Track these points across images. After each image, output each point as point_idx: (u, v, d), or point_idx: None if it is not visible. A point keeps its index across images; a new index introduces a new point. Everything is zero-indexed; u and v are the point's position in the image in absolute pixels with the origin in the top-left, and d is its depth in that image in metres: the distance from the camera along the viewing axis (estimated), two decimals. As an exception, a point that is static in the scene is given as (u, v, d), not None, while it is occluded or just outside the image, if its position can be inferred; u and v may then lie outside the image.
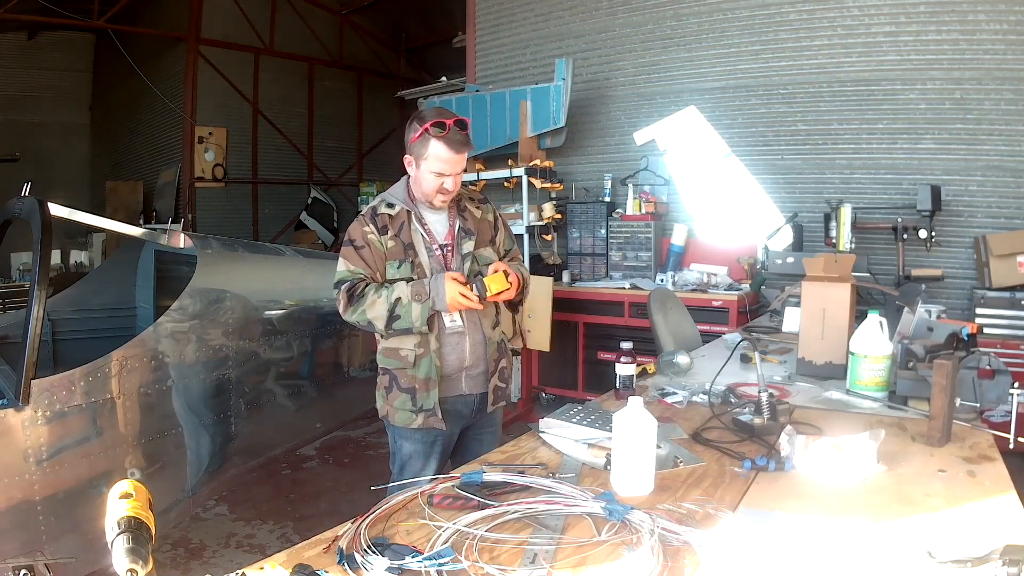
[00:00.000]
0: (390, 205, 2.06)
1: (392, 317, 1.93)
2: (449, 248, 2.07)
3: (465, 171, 2.15)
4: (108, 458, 2.17)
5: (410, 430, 2.04)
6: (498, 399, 2.16)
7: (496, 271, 1.97)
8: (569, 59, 5.14)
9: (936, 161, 4.38)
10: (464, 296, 1.92)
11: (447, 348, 2.03)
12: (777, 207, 4.77)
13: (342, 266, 2.01)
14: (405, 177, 2.10)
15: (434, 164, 1.95)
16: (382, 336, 2.04)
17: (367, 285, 1.98)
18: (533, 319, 4.62)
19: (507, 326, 2.21)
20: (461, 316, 2.03)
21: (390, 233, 2.01)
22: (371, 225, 2.02)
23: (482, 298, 1.95)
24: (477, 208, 2.17)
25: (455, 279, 1.94)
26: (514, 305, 2.23)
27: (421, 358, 1.99)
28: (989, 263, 3.94)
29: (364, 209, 2.11)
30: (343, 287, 1.99)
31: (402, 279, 1.99)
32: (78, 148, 10.65)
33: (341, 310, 1.99)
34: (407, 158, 2.02)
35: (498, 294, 1.97)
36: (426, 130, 1.92)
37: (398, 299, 1.93)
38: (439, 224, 2.09)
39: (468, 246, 2.08)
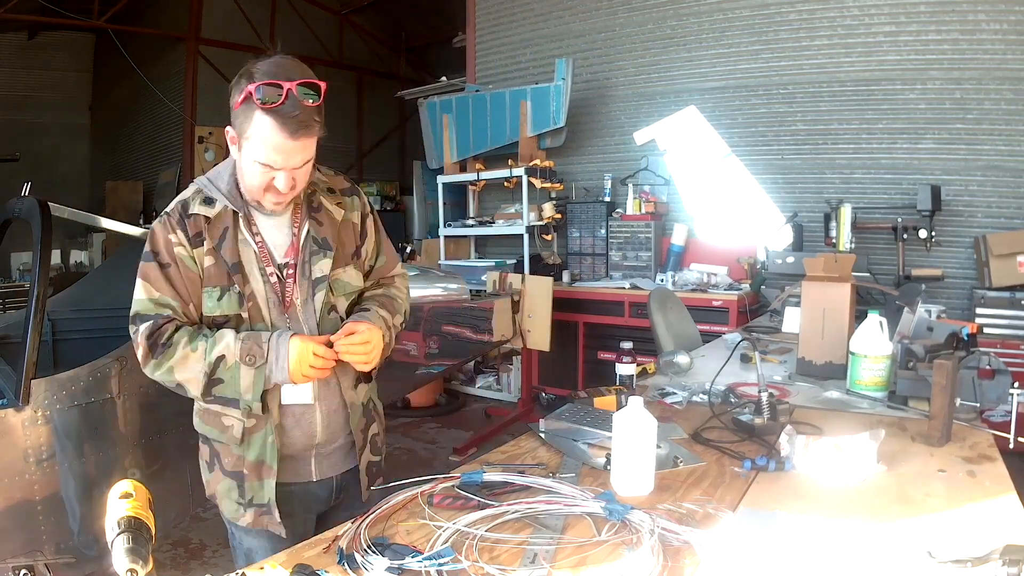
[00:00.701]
0: (207, 201, 1.39)
1: (211, 381, 1.33)
2: (291, 269, 1.43)
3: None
4: (108, 458, 2.17)
5: (240, 526, 1.48)
6: (373, 479, 1.56)
7: (351, 333, 1.39)
8: (569, 59, 5.14)
9: (936, 161, 4.38)
10: (315, 368, 1.34)
11: (289, 420, 1.43)
12: (777, 207, 4.78)
13: (141, 292, 1.37)
14: (233, 153, 1.40)
15: (259, 150, 1.28)
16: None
17: (177, 328, 1.35)
18: (533, 319, 4.63)
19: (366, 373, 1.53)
20: (313, 384, 1.43)
21: (207, 245, 1.37)
22: (179, 232, 1.37)
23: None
24: (337, 205, 1.50)
25: (305, 340, 1.33)
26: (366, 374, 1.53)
27: (252, 433, 1.40)
28: (989, 263, 3.94)
29: (170, 205, 1.42)
30: (142, 328, 1.35)
31: (224, 318, 1.38)
32: (78, 148, 10.64)
33: (140, 359, 1.37)
34: (228, 131, 1.34)
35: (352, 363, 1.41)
36: (250, 94, 1.25)
37: (221, 357, 1.31)
38: (277, 231, 1.43)
39: (322, 267, 1.44)
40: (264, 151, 1.28)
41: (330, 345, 1.37)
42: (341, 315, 1.49)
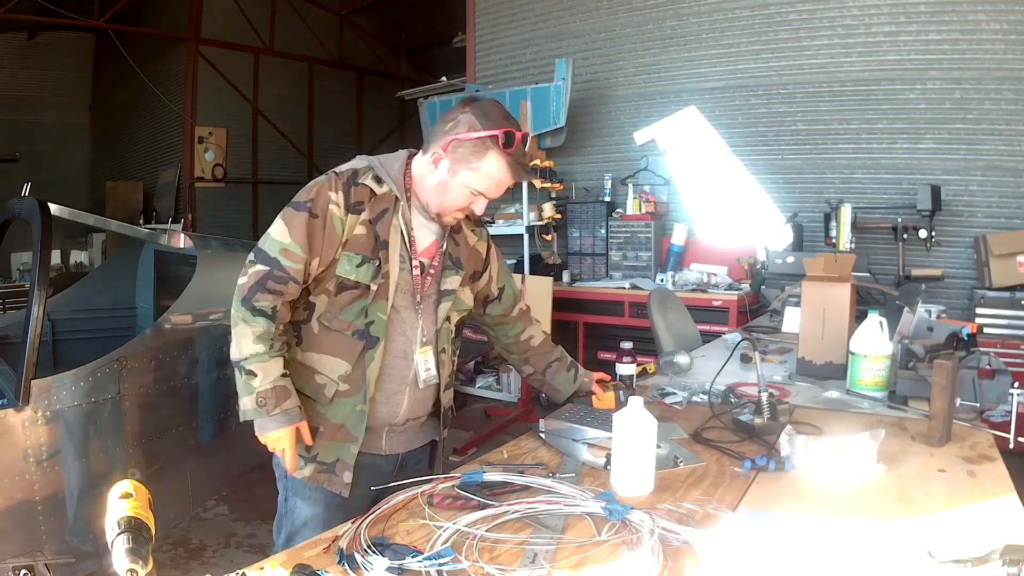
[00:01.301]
0: (377, 179, 1.50)
1: (239, 368, 1.44)
2: (431, 270, 1.56)
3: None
4: (108, 458, 2.17)
5: (303, 483, 1.54)
6: (437, 466, 1.71)
7: (604, 389, 1.82)
8: (569, 59, 5.14)
9: (936, 161, 4.38)
10: (279, 449, 1.46)
11: (381, 395, 1.53)
12: (777, 207, 4.78)
13: (277, 232, 1.45)
14: (404, 154, 1.57)
15: (481, 181, 1.46)
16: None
17: (274, 310, 1.44)
18: (533, 319, 4.62)
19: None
20: (437, 366, 1.58)
21: (364, 215, 1.47)
22: (340, 193, 1.45)
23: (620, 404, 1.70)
24: (472, 232, 1.67)
25: (298, 428, 1.45)
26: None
27: (343, 397, 1.50)
28: (989, 263, 3.94)
29: (342, 167, 1.52)
30: (259, 267, 1.44)
31: (352, 283, 1.48)
32: (78, 148, 10.64)
33: (238, 286, 1.46)
34: (436, 154, 1.47)
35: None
36: (490, 137, 1.42)
37: (253, 373, 1.42)
38: (424, 233, 1.57)
39: (452, 281, 1.59)
40: (486, 183, 1.47)
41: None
42: (452, 328, 1.65)
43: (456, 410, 1.92)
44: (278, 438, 1.44)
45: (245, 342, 1.43)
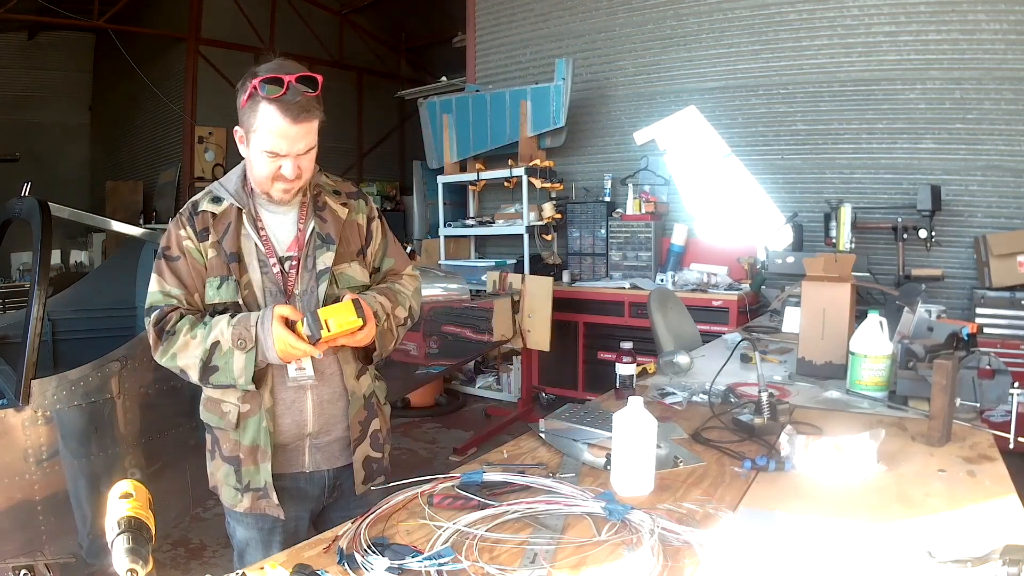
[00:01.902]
0: (215, 200, 1.50)
1: (208, 368, 1.41)
2: (294, 262, 1.51)
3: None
4: (108, 458, 2.17)
5: (238, 513, 1.55)
6: (371, 476, 1.59)
7: (340, 300, 1.43)
8: (569, 59, 5.15)
9: (936, 161, 4.38)
10: (293, 346, 1.37)
11: (280, 407, 1.49)
12: (777, 207, 4.78)
13: (153, 285, 1.48)
14: (246, 158, 1.52)
15: (265, 139, 1.39)
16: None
17: (180, 316, 1.45)
18: (533, 319, 4.63)
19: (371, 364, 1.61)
20: (312, 360, 1.49)
21: (211, 239, 1.47)
22: (188, 228, 1.48)
23: (314, 340, 1.37)
24: (343, 205, 1.59)
25: (283, 317, 1.38)
26: (367, 354, 1.57)
27: (247, 418, 1.47)
28: (989, 263, 3.94)
29: (185, 206, 1.53)
30: (152, 316, 1.45)
31: (223, 305, 1.47)
32: (78, 148, 10.64)
33: (152, 347, 1.47)
34: (237, 131, 1.47)
35: (339, 334, 1.38)
36: (255, 89, 1.36)
37: (216, 344, 1.39)
38: (282, 228, 1.53)
39: (325, 259, 1.51)
40: (270, 139, 1.39)
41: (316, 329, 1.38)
42: None
43: (457, 409, 1.90)
44: (280, 348, 1.37)
45: (190, 348, 1.42)
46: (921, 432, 1.66)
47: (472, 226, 5.88)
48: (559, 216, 5.45)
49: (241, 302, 1.46)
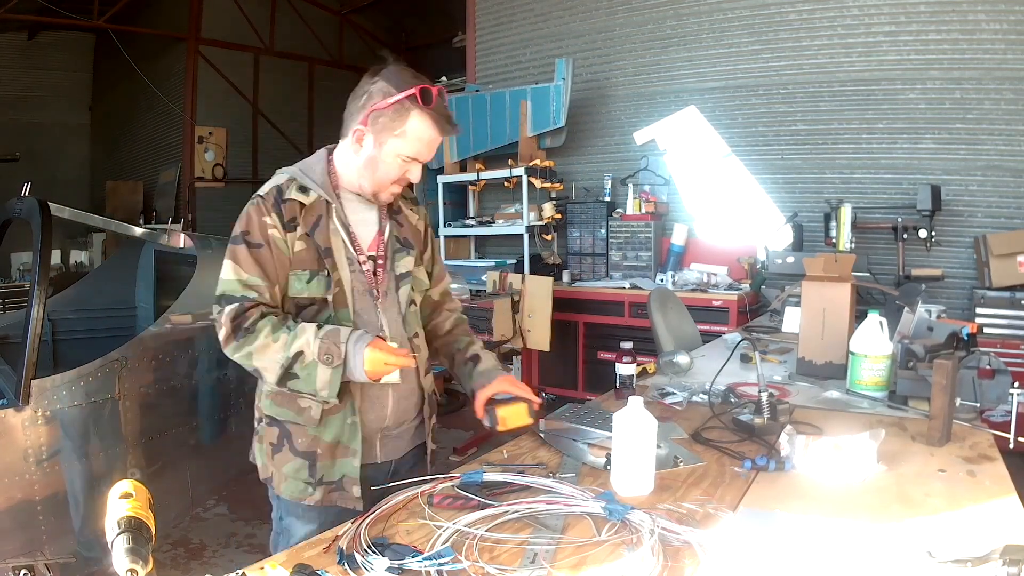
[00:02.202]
0: (303, 189, 1.47)
1: (288, 374, 1.37)
2: (380, 261, 1.53)
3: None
4: (108, 458, 2.17)
5: (304, 506, 1.50)
6: (430, 464, 1.67)
7: (515, 401, 1.53)
8: (569, 59, 5.15)
9: (936, 161, 4.38)
10: (389, 365, 1.38)
11: (365, 403, 1.49)
12: (777, 207, 4.78)
13: (229, 273, 1.41)
14: (323, 152, 1.55)
15: (409, 145, 1.42)
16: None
17: (262, 315, 1.40)
18: (533, 319, 4.63)
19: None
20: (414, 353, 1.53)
21: (299, 230, 1.44)
22: (274, 215, 1.43)
23: (491, 429, 1.53)
24: (412, 210, 1.64)
25: (379, 350, 1.36)
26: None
27: (331, 414, 1.46)
28: (989, 263, 3.94)
29: (264, 188, 1.49)
30: (227, 309, 1.39)
31: (308, 300, 1.46)
32: (78, 148, 10.65)
33: (221, 340, 1.41)
34: (358, 131, 1.44)
35: (512, 429, 1.53)
36: (408, 98, 1.39)
37: (299, 353, 1.36)
38: (365, 226, 1.54)
39: (405, 263, 1.56)
40: (416, 146, 1.43)
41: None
42: (417, 309, 1.63)
43: (457, 410, 1.92)
44: (372, 368, 1.35)
45: (269, 352, 1.37)
46: (921, 432, 1.66)
47: (472, 226, 5.89)
48: (559, 216, 5.45)
49: (330, 298, 1.45)
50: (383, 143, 1.43)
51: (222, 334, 1.40)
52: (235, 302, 1.39)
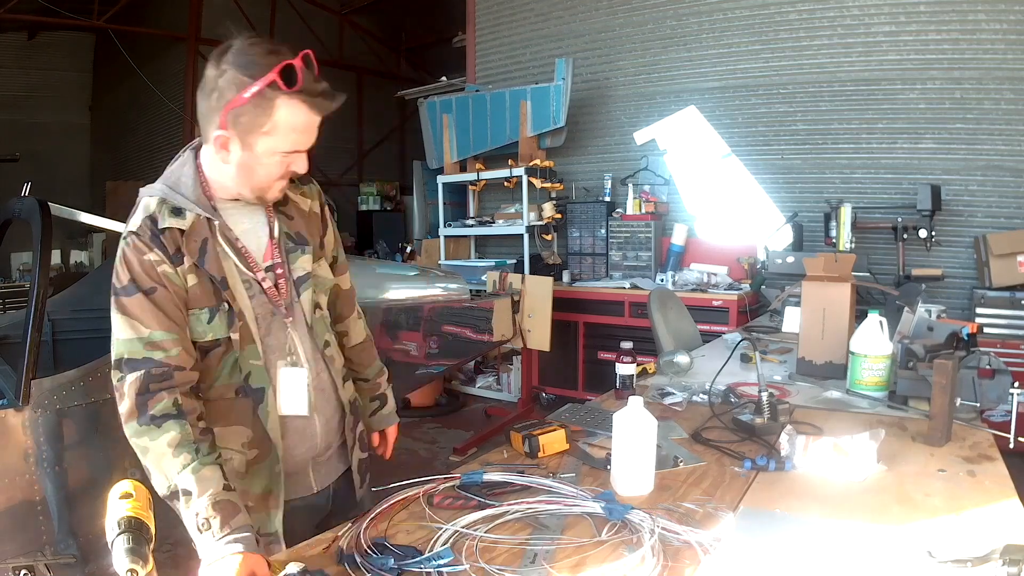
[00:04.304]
0: (176, 212, 1.22)
1: (172, 496, 1.15)
2: (279, 270, 1.31)
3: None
4: (108, 458, 2.17)
5: None
6: (364, 477, 1.49)
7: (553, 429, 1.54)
8: (569, 59, 5.15)
9: (936, 161, 4.38)
10: None
11: (295, 437, 1.32)
12: (777, 207, 4.78)
13: (126, 331, 1.17)
14: (189, 156, 1.29)
15: (285, 139, 1.18)
16: None
17: (175, 404, 1.16)
18: (533, 319, 4.63)
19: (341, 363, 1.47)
20: (308, 391, 1.32)
21: (187, 261, 1.21)
22: (157, 250, 1.19)
23: (532, 457, 1.55)
24: (301, 194, 1.39)
25: (245, 570, 1.03)
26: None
27: (257, 463, 1.28)
28: (989, 263, 3.94)
29: (132, 221, 1.22)
30: (130, 379, 1.16)
31: (215, 343, 1.24)
32: (78, 148, 10.66)
33: (122, 414, 1.17)
34: (219, 136, 1.17)
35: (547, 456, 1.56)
36: (268, 86, 1.12)
37: (187, 492, 1.12)
38: (255, 235, 1.30)
39: (302, 263, 1.34)
40: (291, 137, 1.18)
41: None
42: (325, 312, 1.41)
43: (457, 409, 1.88)
44: (225, 569, 1.04)
45: (165, 462, 1.14)
46: (921, 432, 1.66)
47: (472, 226, 5.89)
48: (559, 216, 5.45)
49: (236, 336, 1.24)
50: (253, 144, 1.18)
51: (123, 408, 1.17)
52: (139, 368, 1.16)
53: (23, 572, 1.84)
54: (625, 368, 2.03)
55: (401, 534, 1.18)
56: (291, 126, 1.17)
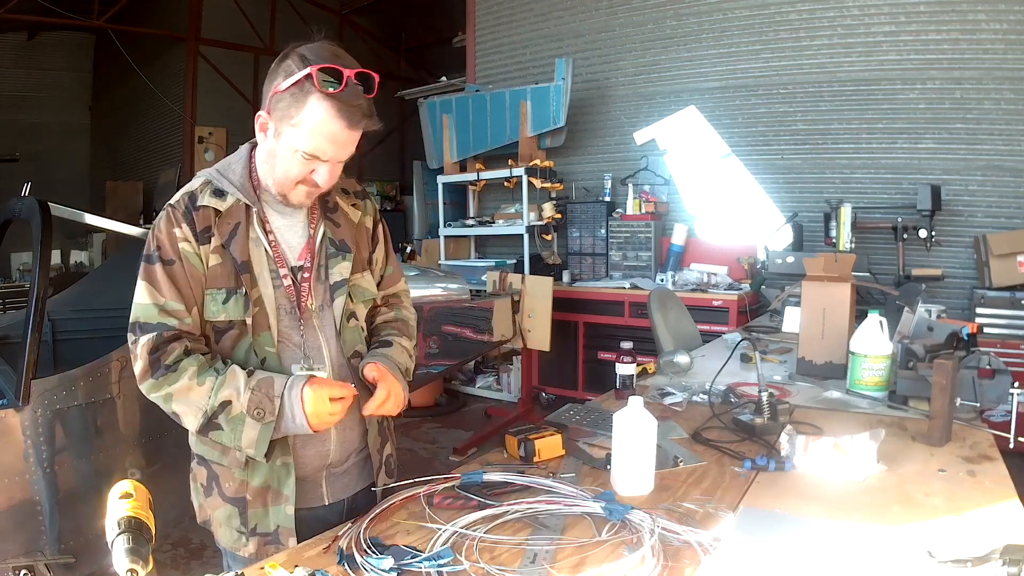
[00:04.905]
0: (218, 193, 1.27)
1: (211, 423, 1.20)
2: (306, 273, 1.31)
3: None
4: (108, 458, 2.17)
5: (243, 558, 1.34)
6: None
7: (550, 434, 1.50)
8: (569, 59, 5.15)
9: (936, 161, 4.38)
10: (335, 414, 1.21)
11: (301, 439, 1.30)
12: (777, 207, 4.78)
13: (144, 296, 1.24)
14: (246, 148, 1.32)
15: (306, 139, 1.18)
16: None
17: (186, 351, 1.22)
18: (533, 319, 4.63)
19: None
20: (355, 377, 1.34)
21: (214, 242, 1.24)
22: (184, 226, 1.24)
23: (527, 462, 1.49)
24: (353, 206, 1.40)
25: (320, 387, 1.19)
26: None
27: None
28: (989, 263, 3.94)
29: (176, 196, 1.29)
30: (143, 340, 1.21)
31: (227, 324, 1.26)
32: (78, 148, 10.65)
33: (137, 374, 1.23)
34: (261, 117, 1.22)
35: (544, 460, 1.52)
36: (309, 77, 1.14)
37: (227, 403, 1.19)
38: (292, 231, 1.33)
39: (341, 270, 1.34)
40: (314, 140, 1.18)
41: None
42: (361, 324, 1.41)
43: (457, 409, 1.86)
44: (315, 415, 1.18)
45: (192, 395, 1.19)
46: (921, 432, 1.66)
47: (472, 226, 5.89)
48: (559, 216, 5.45)
49: (249, 320, 1.26)
50: (281, 134, 1.20)
51: (138, 368, 1.22)
52: (152, 331, 1.21)
53: (23, 572, 1.84)
54: (625, 368, 2.03)
55: (401, 534, 1.18)
56: (315, 127, 1.17)
